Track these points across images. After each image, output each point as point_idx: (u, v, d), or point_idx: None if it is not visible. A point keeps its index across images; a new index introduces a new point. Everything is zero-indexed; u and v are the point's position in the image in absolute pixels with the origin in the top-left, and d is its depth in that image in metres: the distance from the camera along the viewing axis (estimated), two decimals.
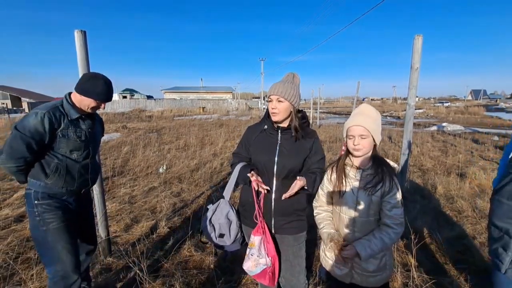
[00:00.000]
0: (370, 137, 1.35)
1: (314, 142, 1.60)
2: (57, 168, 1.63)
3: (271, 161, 1.54)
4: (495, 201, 1.15)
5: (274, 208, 1.57)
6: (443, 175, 5.06)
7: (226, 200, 1.68)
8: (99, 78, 1.69)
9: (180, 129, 12.71)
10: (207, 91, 51.60)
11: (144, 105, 32.36)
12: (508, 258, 1.08)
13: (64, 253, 1.63)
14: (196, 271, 2.39)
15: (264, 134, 1.63)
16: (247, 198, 1.63)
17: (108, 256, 2.61)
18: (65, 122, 1.63)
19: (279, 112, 1.52)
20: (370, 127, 1.33)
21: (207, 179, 5.09)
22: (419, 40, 2.57)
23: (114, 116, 20.42)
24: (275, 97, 1.51)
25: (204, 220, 1.67)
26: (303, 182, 1.46)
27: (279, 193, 1.54)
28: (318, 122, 15.06)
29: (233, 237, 1.63)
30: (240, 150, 1.72)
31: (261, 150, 1.60)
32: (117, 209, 3.70)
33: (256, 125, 1.72)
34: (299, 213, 1.62)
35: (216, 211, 1.66)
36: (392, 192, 1.34)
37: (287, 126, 1.59)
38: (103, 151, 7.37)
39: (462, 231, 3.11)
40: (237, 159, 1.71)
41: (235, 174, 1.61)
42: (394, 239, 1.35)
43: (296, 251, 1.63)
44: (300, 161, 1.57)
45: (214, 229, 1.64)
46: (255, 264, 1.53)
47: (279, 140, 1.58)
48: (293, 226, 1.60)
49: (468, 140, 8.90)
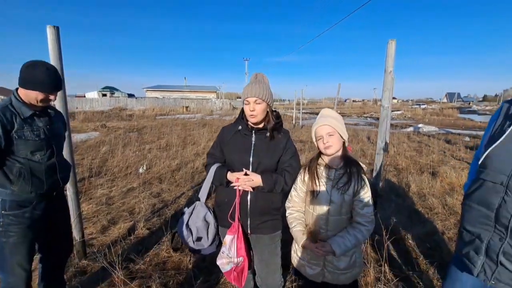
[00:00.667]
0: (337, 134, 1.43)
1: (287, 141, 1.64)
2: (20, 172, 1.51)
3: (246, 161, 1.56)
4: (466, 206, 1.17)
5: (250, 208, 1.58)
6: (417, 174, 5.30)
7: (202, 202, 1.67)
8: (38, 65, 1.49)
9: (162, 129, 12.46)
10: (190, 90, 50.86)
11: (125, 104, 31.37)
12: (480, 262, 1.09)
13: (17, 268, 1.57)
14: (174, 272, 2.37)
15: (239, 135, 1.63)
16: (223, 198, 1.63)
17: (83, 258, 2.53)
18: (18, 121, 1.49)
19: (257, 114, 1.52)
20: (335, 125, 1.42)
21: (188, 179, 5.04)
22: (392, 44, 2.68)
23: (93, 115, 19.67)
24: (253, 99, 1.51)
25: (180, 225, 1.64)
26: (258, 179, 1.50)
27: (254, 193, 1.56)
28: (301, 123, 15.26)
29: (211, 239, 1.63)
30: (214, 151, 1.72)
31: (236, 150, 1.60)
32: (93, 210, 3.59)
33: (231, 126, 1.71)
34: (274, 213, 1.64)
35: (192, 215, 1.64)
36: (363, 191, 1.41)
37: (262, 127, 1.61)
38: (80, 151, 7.10)
39: (433, 227, 3.28)
40: (212, 160, 1.70)
41: (211, 175, 1.60)
42: (366, 235, 1.41)
43: (271, 250, 1.66)
44: (275, 161, 1.60)
45: (191, 233, 1.62)
46: (227, 261, 1.57)
47: (254, 141, 1.59)
48: (268, 225, 1.62)
49: (441, 140, 9.37)
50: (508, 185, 0.99)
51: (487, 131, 1.20)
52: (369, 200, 1.41)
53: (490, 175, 1.06)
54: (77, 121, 15.72)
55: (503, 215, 0.99)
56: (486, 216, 1.05)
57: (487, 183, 1.06)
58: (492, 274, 1.04)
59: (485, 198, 1.06)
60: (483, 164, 1.09)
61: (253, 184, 1.52)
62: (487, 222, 1.05)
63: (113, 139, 8.47)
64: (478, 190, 1.10)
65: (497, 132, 1.11)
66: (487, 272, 1.06)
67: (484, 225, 1.06)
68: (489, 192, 1.05)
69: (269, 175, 1.54)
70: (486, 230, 1.05)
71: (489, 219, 1.04)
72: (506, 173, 1.00)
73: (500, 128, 1.10)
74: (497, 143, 1.05)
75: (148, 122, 16.50)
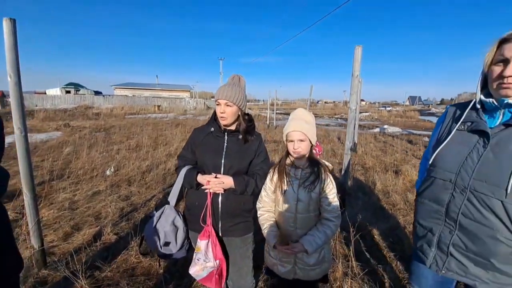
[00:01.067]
0: (308, 140, 1.48)
1: (259, 144, 1.65)
2: None
3: (218, 163, 1.55)
4: (419, 203, 1.26)
5: (221, 210, 1.57)
6: (382, 172, 5.62)
7: (172, 206, 1.63)
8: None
9: (132, 128, 11.93)
10: (163, 88, 49.28)
11: (91, 102, 29.56)
12: (431, 254, 1.17)
13: None
14: (143, 278, 2.29)
15: (211, 136, 1.62)
16: (193, 201, 1.61)
17: (43, 268, 2.35)
18: None
19: (227, 116, 1.53)
20: (306, 131, 1.46)
21: (159, 181, 4.89)
22: (359, 50, 2.82)
23: (55, 113, 18.33)
24: (224, 102, 1.52)
25: (148, 229, 1.59)
26: (229, 181, 1.50)
27: (225, 195, 1.55)
28: (275, 123, 15.46)
29: (180, 245, 1.59)
30: (185, 153, 1.69)
31: (208, 152, 1.59)
32: (54, 216, 3.35)
33: (203, 127, 1.70)
34: (246, 215, 1.64)
35: (160, 218, 1.59)
36: (328, 188, 1.48)
37: (234, 129, 1.61)
38: (39, 152, 6.58)
39: (396, 222, 3.50)
40: (182, 162, 1.67)
41: (181, 178, 1.57)
42: (334, 230, 1.48)
43: (243, 253, 1.65)
44: (247, 163, 1.60)
45: (159, 238, 1.56)
46: (202, 268, 1.53)
47: (226, 143, 1.58)
48: (240, 228, 1.62)
49: (404, 141, 10.04)
50: (456, 182, 1.08)
51: (435, 133, 1.31)
52: (335, 196, 1.49)
53: (439, 173, 1.15)
54: (36, 120, 14.56)
55: (452, 209, 1.09)
56: (437, 211, 1.15)
57: (437, 180, 1.16)
58: (443, 264, 1.14)
59: (436, 195, 1.16)
60: (433, 163, 1.19)
61: (224, 186, 1.51)
62: (438, 216, 1.15)
63: (78, 140, 7.98)
64: (429, 187, 1.20)
65: (444, 133, 1.21)
66: (438, 263, 1.15)
67: (436, 220, 1.16)
68: (439, 189, 1.14)
69: (240, 178, 1.54)
70: (437, 224, 1.15)
71: (440, 213, 1.14)
72: (453, 171, 1.09)
73: (447, 129, 1.21)
74: (445, 144, 1.15)
75: (117, 121, 15.71)
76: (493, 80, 1.03)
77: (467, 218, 1.05)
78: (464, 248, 1.07)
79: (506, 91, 0.99)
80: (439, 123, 1.31)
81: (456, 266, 1.10)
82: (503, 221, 0.97)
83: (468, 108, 1.14)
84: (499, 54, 1.00)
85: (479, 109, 1.10)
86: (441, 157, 1.16)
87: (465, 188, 1.05)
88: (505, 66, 0.98)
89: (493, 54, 1.04)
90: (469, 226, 1.04)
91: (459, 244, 1.08)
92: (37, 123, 13.32)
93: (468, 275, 1.08)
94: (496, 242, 0.99)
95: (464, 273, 1.09)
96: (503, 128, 1.02)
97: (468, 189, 1.04)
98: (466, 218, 1.05)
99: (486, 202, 1.00)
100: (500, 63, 1.00)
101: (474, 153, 1.05)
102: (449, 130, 1.19)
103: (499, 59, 1.00)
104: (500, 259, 1.00)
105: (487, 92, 1.10)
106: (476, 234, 1.03)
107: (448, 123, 1.23)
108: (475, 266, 1.06)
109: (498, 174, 0.98)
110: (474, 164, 1.04)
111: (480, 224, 1.02)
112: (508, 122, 1.01)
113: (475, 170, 1.03)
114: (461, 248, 1.08)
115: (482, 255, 1.03)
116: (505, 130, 1.01)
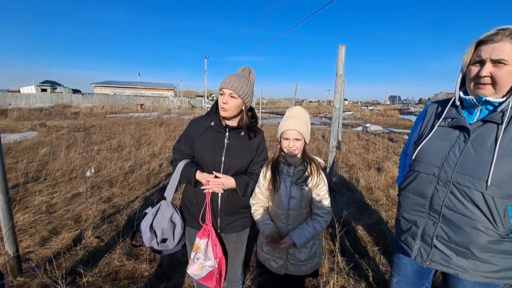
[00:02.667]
0: (303, 139, 1.48)
1: (261, 142, 1.60)
2: None
3: (218, 161, 1.48)
4: (402, 197, 1.29)
5: (220, 208, 1.53)
6: (365, 169, 5.77)
7: (168, 202, 1.55)
8: None
9: (113, 128, 11.56)
10: (145, 87, 48.07)
11: (69, 100, 28.36)
12: (416, 246, 1.20)
13: None
14: (127, 282, 2.22)
15: (211, 132, 1.51)
16: (191, 199, 1.55)
17: (18, 276, 2.22)
18: None
19: (229, 108, 1.43)
20: (303, 131, 1.46)
21: (143, 182, 4.76)
22: (342, 49, 2.86)
23: (30, 112, 17.42)
24: (228, 92, 1.41)
25: (144, 226, 1.50)
26: (229, 182, 1.45)
27: (225, 193, 1.51)
28: (260, 122, 15.51)
29: (177, 240, 1.53)
30: (181, 146, 1.58)
31: (207, 149, 1.50)
32: (30, 220, 3.17)
33: (201, 120, 1.57)
34: (243, 211, 1.61)
35: (157, 215, 1.51)
36: (320, 185, 1.49)
37: (236, 125, 1.53)
38: (13, 153, 6.22)
39: (379, 217, 3.60)
40: (179, 155, 1.57)
41: (178, 172, 1.48)
42: (324, 226, 1.50)
43: (238, 247, 1.64)
44: (248, 162, 1.55)
45: (155, 235, 1.49)
46: (201, 267, 1.48)
47: (227, 140, 1.50)
48: (238, 224, 1.60)
49: (385, 139, 10.36)
50: (439, 176, 1.13)
51: (415, 129, 1.36)
52: (326, 193, 1.50)
53: (423, 167, 1.19)
54: (9, 120, 13.79)
55: (436, 202, 1.13)
56: (421, 204, 1.19)
57: (421, 174, 1.20)
58: (428, 256, 1.18)
59: (420, 188, 1.20)
60: (417, 158, 1.23)
61: (224, 187, 1.46)
62: (422, 209, 1.19)
63: (55, 140, 7.61)
64: (413, 182, 1.23)
65: (426, 129, 1.26)
66: (423, 255, 1.19)
67: (420, 213, 1.20)
68: (423, 182, 1.19)
69: (241, 179, 1.49)
70: (421, 217, 1.19)
71: (424, 207, 1.18)
72: (436, 165, 1.14)
73: (429, 126, 1.25)
74: (427, 139, 1.19)
75: (97, 120, 15.17)
76: (471, 80, 1.09)
77: (450, 210, 1.09)
78: (447, 239, 1.11)
79: (482, 91, 1.05)
80: (419, 119, 1.36)
81: (440, 257, 1.15)
82: (483, 211, 1.02)
83: (449, 105, 1.19)
84: (476, 55, 1.05)
85: (458, 106, 1.15)
86: (424, 152, 1.20)
87: (448, 181, 1.10)
88: (481, 67, 1.03)
89: (471, 55, 1.09)
90: (452, 218, 1.09)
91: (442, 235, 1.12)
92: (10, 122, 12.61)
93: (451, 265, 1.12)
94: (476, 232, 1.04)
95: (447, 264, 1.13)
96: (481, 124, 1.07)
97: (451, 182, 1.09)
98: (449, 210, 1.09)
99: (468, 194, 1.04)
100: (477, 64, 1.06)
101: (456, 148, 1.10)
102: (431, 126, 1.23)
103: (476, 60, 1.06)
104: (480, 247, 1.05)
105: (465, 90, 1.15)
106: (458, 225, 1.07)
107: (429, 120, 1.28)
108: (457, 256, 1.10)
109: (479, 167, 1.03)
110: (456, 158, 1.09)
111: (462, 215, 1.06)
112: (485, 118, 1.06)
113: (457, 164, 1.08)
114: (444, 240, 1.12)
115: (463, 245, 1.07)
116: (483, 125, 1.06)
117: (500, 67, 0.99)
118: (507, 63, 0.98)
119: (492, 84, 1.02)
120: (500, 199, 1.00)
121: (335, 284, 2.18)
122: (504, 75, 0.99)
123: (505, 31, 0.99)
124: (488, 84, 1.03)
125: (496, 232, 1.02)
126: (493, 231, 1.02)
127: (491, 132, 1.03)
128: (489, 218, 1.02)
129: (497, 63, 0.99)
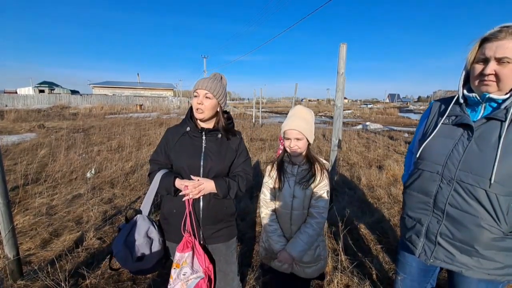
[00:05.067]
0: (305, 139, 1.47)
1: (240, 143, 1.56)
2: None
3: (196, 165, 1.43)
4: (407, 195, 1.30)
5: (203, 216, 1.46)
6: (366, 168, 5.77)
7: (145, 215, 1.46)
8: None
9: (112, 129, 11.53)
10: (145, 87, 48.02)
11: (67, 101, 28.28)
12: (420, 244, 1.20)
13: None
14: (130, 283, 2.21)
15: (187, 137, 1.47)
16: (171, 209, 1.47)
17: (19, 279, 2.21)
18: None
19: (205, 108, 1.40)
20: (305, 130, 1.45)
21: (144, 182, 4.74)
22: (343, 48, 2.85)
23: (28, 114, 17.36)
24: (203, 92, 1.39)
25: (117, 244, 1.38)
26: (210, 185, 1.39)
27: (206, 200, 1.45)
28: (260, 121, 15.47)
29: (156, 258, 1.42)
30: (158, 156, 1.53)
31: (184, 154, 1.45)
32: (30, 222, 3.16)
33: (177, 127, 1.54)
34: (229, 219, 1.55)
35: (132, 231, 1.41)
36: (321, 185, 1.48)
37: (212, 128, 1.49)
38: (11, 155, 6.20)
39: (381, 215, 3.60)
40: (155, 166, 1.52)
41: (155, 184, 1.42)
42: (317, 228, 1.45)
43: (228, 259, 1.57)
44: (228, 164, 1.50)
45: (130, 252, 1.36)
46: (186, 282, 1.37)
47: (204, 143, 1.46)
48: (223, 233, 1.53)
49: (385, 137, 10.36)
50: (443, 174, 1.12)
51: (420, 127, 1.35)
52: (324, 193, 1.48)
53: (427, 165, 1.19)
54: (7, 121, 13.74)
55: (440, 200, 1.13)
56: (426, 202, 1.19)
57: (425, 173, 1.20)
58: (432, 253, 1.18)
59: (424, 186, 1.19)
60: (421, 156, 1.23)
61: (205, 191, 1.40)
62: (426, 207, 1.19)
63: (54, 141, 7.59)
64: (417, 180, 1.23)
65: (430, 127, 1.25)
66: (427, 252, 1.19)
67: (424, 210, 1.19)
68: (427, 180, 1.18)
69: (222, 180, 1.43)
70: (426, 215, 1.19)
71: (428, 204, 1.18)
72: (440, 163, 1.14)
73: (433, 123, 1.25)
74: (431, 137, 1.19)
75: (96, 121, 15.13)
76: (475, 78, 1.08)
77: (453, 208, 1.09)
78: (450, 237, 1.11)
79: (487, 87, 1.04)
80: (424, 117, 1.35)
81: (444, 254, 1.15)
82: (486, 209, 1.02)
83: (452, 103, 1.18)
84: (481, 53, 1.05)
85: (462, 104, 1.15)
86: (428, 150, 1.20)
87: (451, 179, 1.09)
88: (486, 65, 1.03)
89: (475, 52, 1.09)
90: (455, 215, 1.09)
91: (446, 233, 1.12)
92: (7, 124, 12.57)
93: (455, 262, 1.12)
94: (480, 229, 1.04)
95: (451, 261, 1.13)
96: (484, 121, 1.07)
97: (454, 180, 1.09)
98: (453, 207, 1.09)
99: (471, 192, 1.04)
100: (481, 62, 1.05)
101: (460, 146, 1.10)
102: (435, 124, 1.23)
103: (480, 58, 1.05)
104: (483, 245, 1.05)
105: (468, 87, 1.15)
106: (462, 223, 1.07)
107: (433, 118, 1.27)
108: (461, 254, 1.10)
109: (483, 165, 1.02)
110: (460, 156, 1.08)
111: (465, 213, 1.06)
112: (489, 116, 1.05)
113: (461, 162, 1.08)
114: (448, 237, 1.12)
115: (467, 242, 1.07)
116: (487, 123, 1.06)
117: (504, 65, 0.99)
118: (511, 61, 0.98)
119: (496, 81, 1.02)
120: (503, 197, 1.00)
121: (339, 283, 2.18)
122: (508, 73, 0.99)
123: (509, 29, 0.99)
124: (492, 81, 1.03)
125: (500, 230, 1.02)
126: (496, 229, 1.02)
127: (494, 129, 1.03)
128: (493, 216, 1.02)
129: (501, 61, 0.99)
